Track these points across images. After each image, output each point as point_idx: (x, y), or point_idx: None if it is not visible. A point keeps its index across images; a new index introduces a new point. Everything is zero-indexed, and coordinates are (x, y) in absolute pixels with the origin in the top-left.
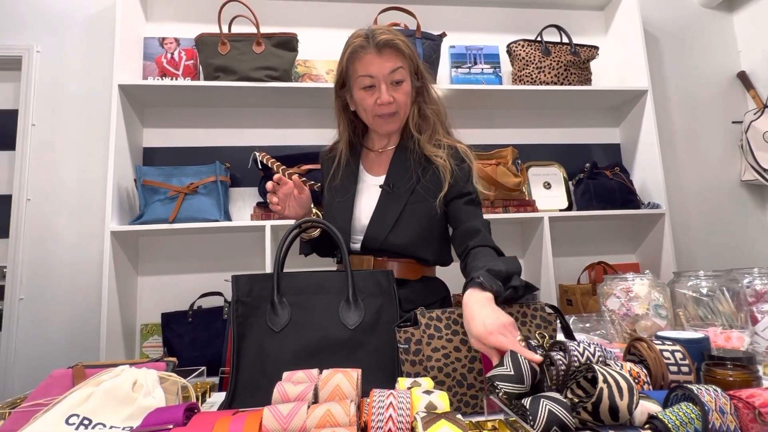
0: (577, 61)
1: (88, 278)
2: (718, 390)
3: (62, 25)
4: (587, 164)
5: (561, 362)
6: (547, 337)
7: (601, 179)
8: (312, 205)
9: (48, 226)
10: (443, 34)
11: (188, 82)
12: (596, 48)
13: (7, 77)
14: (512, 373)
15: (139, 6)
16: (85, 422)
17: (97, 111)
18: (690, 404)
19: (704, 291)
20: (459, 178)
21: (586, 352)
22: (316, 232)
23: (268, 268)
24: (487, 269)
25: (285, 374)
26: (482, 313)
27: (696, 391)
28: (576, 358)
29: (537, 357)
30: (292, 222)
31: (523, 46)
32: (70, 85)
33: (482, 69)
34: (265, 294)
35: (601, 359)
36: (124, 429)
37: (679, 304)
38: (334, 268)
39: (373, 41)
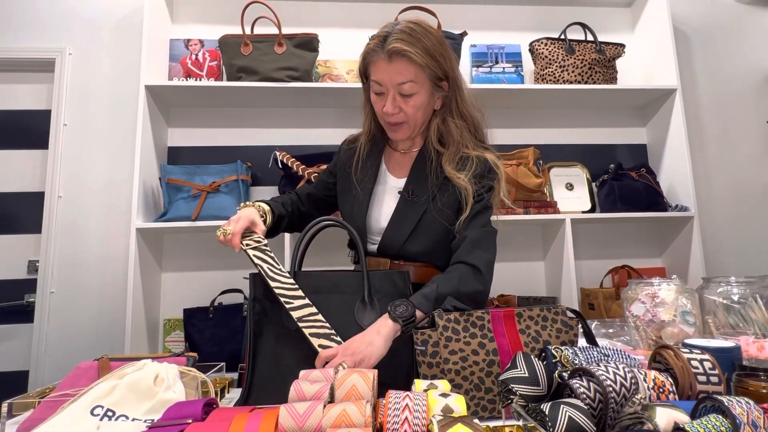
0: (603, 60)
1: (114, 273)
2: (751, 402)
3: (93, 28)
4: (612, 165)
5: (585, 396)
6: (563, 352)
7: (626, 180)
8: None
9: (77, 223)
10: (464, 33)
11: (212, 82)
12: (622, 46)
13: (41, 79)
14: (526, 375)
15: (165, 8)
16: (109, 414)
17: (125, 111)
18: (720, 416)
19: (735, 298)
20: (479, 193)
21: (618, 378)
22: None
23: (286, 267)
24: (420, 293)
25: (302, 373)
26: (361, 336)
27: (727, 403)
28: (611, 388)
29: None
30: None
31: (546, 45)
32: (100, 86)
33: (504, 68)
34: None
35: (634, 384)
36: (145, 421)
37: (708, 311)
38: (351, 268)
39: (386, 46)
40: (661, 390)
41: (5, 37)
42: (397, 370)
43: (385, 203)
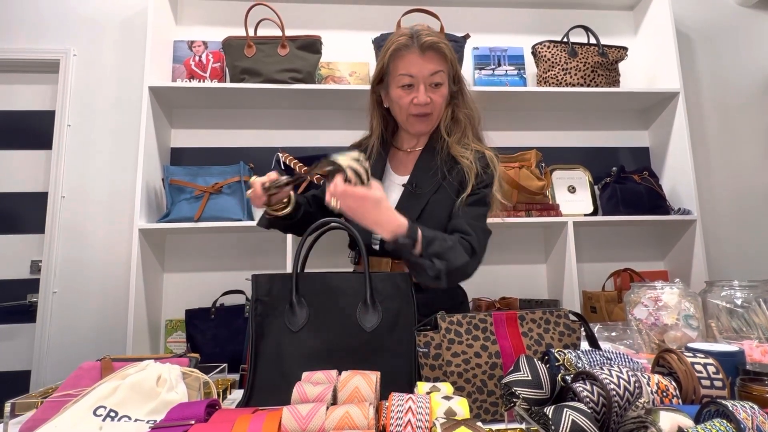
0: (605, 63)
1: (116, 274)
2: (755, 407)
3: (97, 29)
4: (614, 168)
5: (589, 399)
6: (566, 355)
7: (628, 183)
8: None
9: (81, 223)
10: (467, 36)
11: (215, 84)
12: (625, 49)
13: (45, 80)
14: (530, 378)
15: (169, 10)
16: (112, 414)
17: (129, 112)
18: (724, 421)
19: (739, 302)
20: (480, 182)
21: (622, 381)
22: (288, 210)
23: (289, 268)
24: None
25: (304, 374)
26: (386, 210)
27: (731, 408)
28: (614, 392)
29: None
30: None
31: (548, 47)
32: (104, 87)
33: (506, 70)
34: (284, 294)
35: (638, 388)
36: (147, 422)
37: (711, 315)
38: (352, 269)
39: (418, 42)
40: (664, 394)
41: (10, 38)
42: (399, 373)
43: (389, 198)
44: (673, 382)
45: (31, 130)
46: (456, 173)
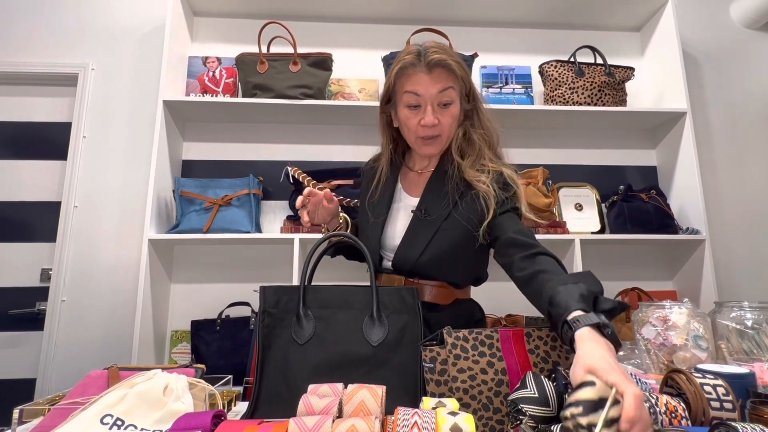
0: (612, 82)
1: (125, 283)
2: (766, 430)
3: (115, 45)
4: (621, 186)
5: None
6: None
7: (636, 202)
8: (340, 211)
9: (92, 232)
10: (475, 55)
11: (227, 99)
12: (632, 69)
13: (63, 92)
14: (536, 395)
15: (185, 27)
16: (119, 423)
17: (143, 125)
18: None
19: (749, 323)
20: (502, 202)
21: None
22: (345, 230)
23: (296, 281)
24: (595, 304)
25: (310, 387)
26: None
27: (741, 430)
28: None
29: None
30: (320, 235)
31: (555, 67)
32: (120, 101)
33: (513, 89)
34: (291, 306)
35: (652, 412)
36: None
37: (720, 336)
38: (361, 283)
39: (425, 60)
40: (673, 415)
41: (32, 52)
42: (404, 387)
43: (399, 221)
44: (682, 403)
45: (47, 141)
46: (469, 199)
